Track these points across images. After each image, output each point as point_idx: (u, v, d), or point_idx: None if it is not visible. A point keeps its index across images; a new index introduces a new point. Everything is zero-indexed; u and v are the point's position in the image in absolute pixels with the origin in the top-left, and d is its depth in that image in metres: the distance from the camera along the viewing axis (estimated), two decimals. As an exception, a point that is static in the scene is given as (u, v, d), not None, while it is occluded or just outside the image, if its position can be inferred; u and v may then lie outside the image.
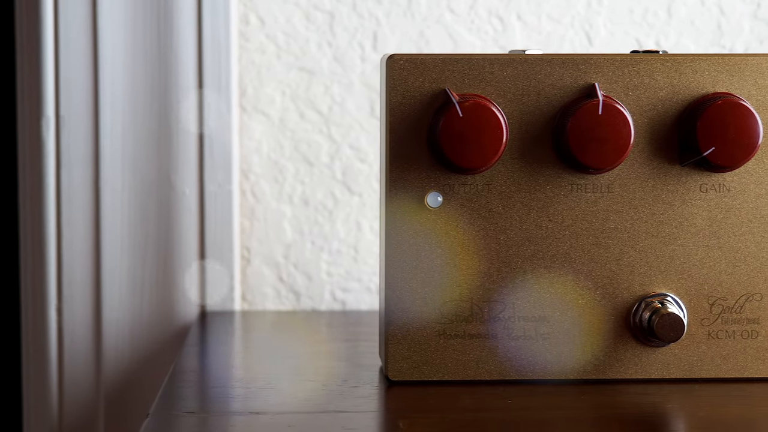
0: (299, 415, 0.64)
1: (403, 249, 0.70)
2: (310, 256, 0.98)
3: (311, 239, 0.98)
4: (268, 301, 0.98)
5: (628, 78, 0.70)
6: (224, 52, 0.94)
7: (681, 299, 0.71)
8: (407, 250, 0.70)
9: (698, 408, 0.67)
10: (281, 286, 0.98)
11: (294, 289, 0.98)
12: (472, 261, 0.71)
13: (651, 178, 0.71)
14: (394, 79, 0.70)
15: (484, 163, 0.69)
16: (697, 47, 0.97)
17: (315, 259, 0.98)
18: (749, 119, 0.69)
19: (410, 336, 0.71)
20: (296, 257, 0.98)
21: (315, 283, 0.98)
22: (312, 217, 0.98)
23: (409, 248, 0.70)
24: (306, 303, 0.98)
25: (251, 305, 0.98)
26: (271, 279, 0.98)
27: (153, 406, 0.66)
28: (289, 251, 0.98)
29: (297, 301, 0.98)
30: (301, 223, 0.98)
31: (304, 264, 0.98)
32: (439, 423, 0.64)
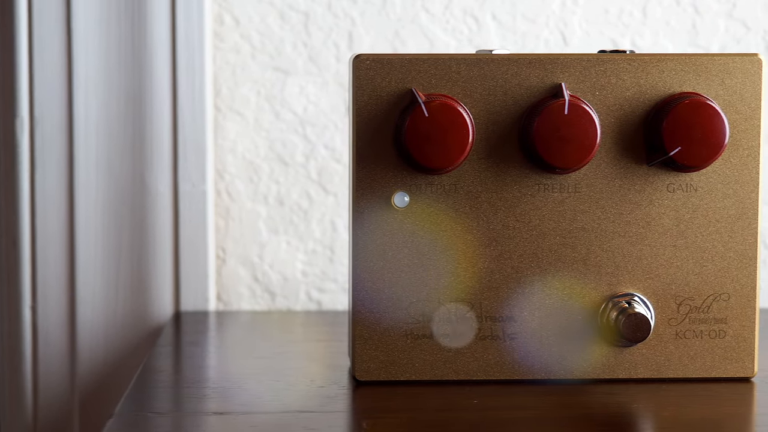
0: (263, 416, 0.64)
1: (370, 249, 0.70)
2: (285, 256, 0.98)
3: (286, 239, 0.98)
4: (243, 301, 0.98)
5: (594, 78, 0.70)
6: (198, 52, 0.94)
7: (648, 299, 0.71)
8: (374, 250, 0.70)
9: (663, 408, 0.67)
10: (256, 286, 0.98)
11: (269, 289, 0.98)
12: (439, 261, 0.71)
13: (618, 178, 0.71)
14: (361, 79, 0.70)
15: (450, 163, 0.69)
16: (672, 47, 0.97)
17: (290, 259, 0.98)
18: (715, 119, 0.69)
19: (378, 336, 0.71)
20: (271, 257, 0.98)
21: (290, 283, 0.98)
22: (287, 216, 0.98)
23: (376, 248, 0.70)
24: (281, 303, 0.98)
25: (226, 305, 0.98)
26: (247, 279, 0.98)
27: (118, 406, 0.66)
28: (264, 251, 0.98)
29: (272, 301, 0.98)
30: (277, 223, 0.98)
31: (280, 264, 0.98)
32: (404, 423, 0.63)
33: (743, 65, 0.70)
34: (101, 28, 0.93)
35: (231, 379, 0.73)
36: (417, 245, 0.70)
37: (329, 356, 0.78)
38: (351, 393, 0.69)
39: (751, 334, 0.72)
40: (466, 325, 0.71)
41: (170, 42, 0.94)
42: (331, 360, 0.77)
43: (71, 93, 0.93)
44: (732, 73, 0.71)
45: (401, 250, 0.70)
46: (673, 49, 0.97)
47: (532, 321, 0.71)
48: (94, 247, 0.94)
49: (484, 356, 0.71)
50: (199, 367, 0.78)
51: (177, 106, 0.94)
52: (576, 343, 0.71)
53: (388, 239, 0.70)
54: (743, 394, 0.69)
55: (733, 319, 0.72)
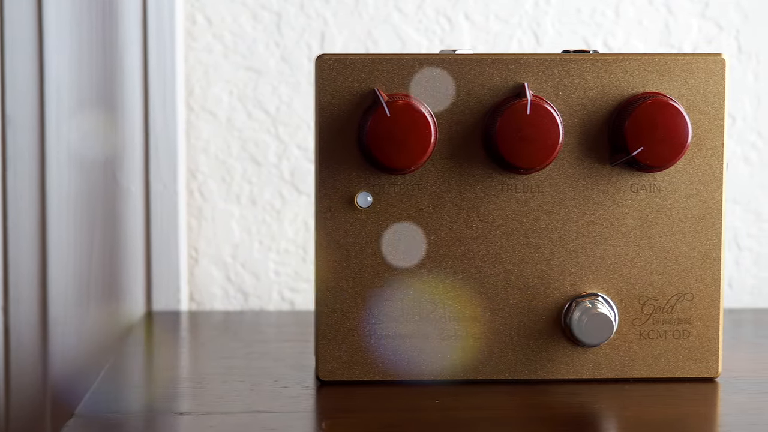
0: (223, 416, 0.64)
1: (334, 249, 0.70)
2: (258, 256, 0.98)
3: (259, 239, 0.98)
4: (216, 301, 0.98)
5: (558, 78, 0.70)
6: (169, 52, 0.94)
7: (612, 299, 0.71)
8: (338, 251, 0.70)
9: (625, 408, 0.67)
10: (229, 286, 0.98)
11: (242, 289, 0.98)
12: (402, 261, 0.70)
13: (581, 178, 0.71)
14: (324, 79, 0.70)
15: (412, 163, 0.69)
16: (645, 47, 0.97)
17: (263, 259, 0.98)
18: (678, 119, 0.69)
19: (341, 336, 0.71)
20: (244, 257, 0.98)
21: (263, 283, 0.98)
22: (260, 216, 0.98)
23: (339, 248, 0.70)
24: (254, 303, 0.98)
25: (199, 305, 0.98)
26: (219, 279, 0.98)
27: (80, 406, 0.66)
28: (237, 251, 0.98)
29: (245, 301, 0.98)
30: (249, 222, 0.98)
31: (252, 264, 0.98)
32: (362, 423, 0.63)
33: (707, 65, 0.70)
34: (72, 27, 0.93)
35: (195, 379, 0.73)
36: (380, 245, 0.70)
37: (296, 356, 0.78)
38: (314, 393, 0.69)
39: (715, 334, 0.72)
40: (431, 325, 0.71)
41: (141, 42, 0.94)
42: (297, 360, 0.77)
43: (43, 92, 0.93)
44: (695, 73, 0.70)
45: (364, 250, 0.70)
46: (645, 49, 0.97)
47: (495, 321, 0.71)
48: (66, 247, 0.94)
49: (448, 356, 0.71)
50: (164, 367, 0.77)
51: (148, 106, 0.94)
52: (540, 344, 0.71)
53: (351, 239, 0.70)
54: (707, 394, 0.69)
55: (697, 319, 0.72)
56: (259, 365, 0.76)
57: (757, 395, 0.69)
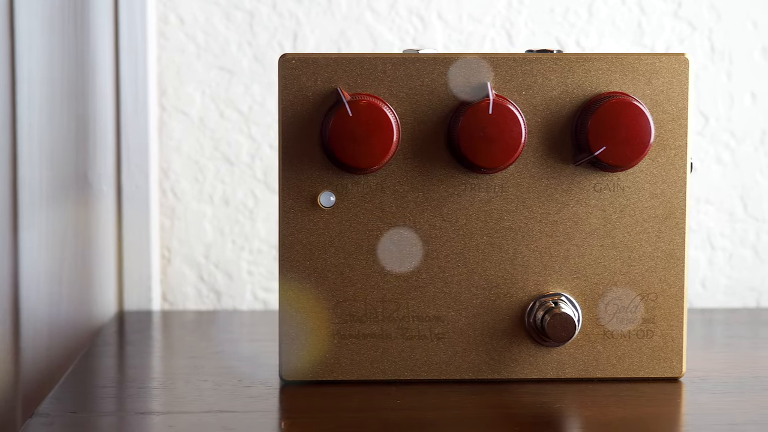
0: (183, 416, 0.64)
1: (297, 249, 0.70)
2: (231, 256, 0.98)
3: (232, 238, 0.98)
4: (189, 300, 0.98)
5: (521, 77, 0.70)
6: (141, 52, 0.94)
7: (576, 299, 0.71)
8: (301, 250, 0.70)
9: (585, 408, 0.67)
10: (202, 285, 0.98)
11: (215, 289, 0.98)
12: (365, 260, 0.70)
13: (545, 178, 0.71)
14: (286, 78, 0.70)
15: (375, 163, 0.69)
16: (618, 46, 0.97)
17: (236, 259, 0.98)
18: (640, 119, 0.69)
19: (304, 336, 0.71)
20: (217, 257, 0.98)
21: (236, 282, 0.98)
22: (233, 216, 0.98)
23: (302, 248, 0.70)
24: (227, 303, 0.98)
25: (172, 305, 0.98)
26: (192, 278, 0.98)
27: (41, 405, 0.66)
28: (210, 251, 0.98)
29: (218, 300, 0.98)
30: (222, 222, 0.98)
31: (225, 263, 0.98)
32: (321, 423, 0.63)
33: (670, 65, 0.70)
34: (44, 27, 0.93)
35: (159, 379, 0.73)
36: (343, 245, 0.70)
37: (264, 356, 0.78)
38: (276, 393, 0.69)
39: (679, 333, 0.72)
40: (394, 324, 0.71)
41: (113, 41, 0.93)
42: (264, 360, 0.77)
43: (14, 92, 0.93)
44: (659, 72, 0.70)
45: (328, 250, 0.70)
46: (618, 48, 0.97)
47: (459, 321, 0.71)
48: (38, 247, 0.94)
49: (411, 356, 0.71)
50: (129, 366, 0.77)
51: (120, 105, 0.94)
52: (503, 343, 0.71)
53: (314, 239, 0.70)
54: (670, 394, 0.69)
55: (660, 318, 0.72)
56: (225, 365, 0.76)
57: (720, 395, 0.69)
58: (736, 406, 0.67)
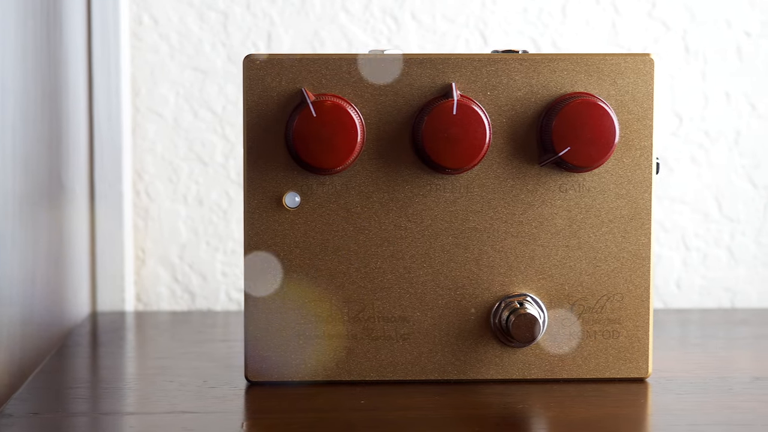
0: (145, 416, 0.64)
1: (262, 249, 0.70)
2: (205, 256, 0.98)
3: (206, 239, 0.98)
4: (163, 301, 0.98)
5: (486, 78, 0.70)
6: (113, 52, 0.94)
7: (541, 299, 0.71)
8: (266, 251, 0.70)
9: (549, 409, 0.67)
10: (176, 286, 0.98)
11: (189, 290, 0.98)
12: (331, 261, 0.70)
13: (510, 179, 0.71)
14: (251, 79, 0.70)
15: (339, 163, 0.69)
16: (592, 47, 0.97)
17: (210, 260, 0.98)
18: (604, 119, 0.69)
19: (269, 337, 0.71)
20: (191, 257, 0.98)
21: (210, 283, 0.98)
22: (207, 216, 0.98)
23: (268, 249, 0.70)
24: (201, 303, 0.98)
25: (146, 306, 0.98)
26: (166, 279, 0.98)
27: (4, 406, 0.66)
28: (184, 251, 0.98)
29: (192, 301, 0.98)
30: (196, 223, 0.98)
31: (199, 264, 0.98)
32: (282, 424, 0.63)
33: (635, 65, 0.70)
34: (18, 27, 0.93)
35: (125, 379, 0.73)
36: (309, 245, 0.70)
37: (233, 357, 0.78)
38: (241, 394, 0.69)
39: (645, 334, 0.72)
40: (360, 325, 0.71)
41: (86, 42, 0.93)
42: (232, 361, 0.77)
43: (-13, 93, 0.93)
44: (624, 73, 0.70)
45: (293, 251, 0.70)
46: (593, 48, 0.97)
47: (424, 321, 0.71)
48: (11, 248, 0.93)
49: (377, 356, 0.71)
50: (96, 367, 0.77)
51: (93, 106, 0.94)
52: (469, 344, 0.71)
53: (279, 239, 0.70)
54: (635, 394, 0.69)
55: (626, 319, 0.72)
56: (193, 365, 0.76)
57: (684, 395, 0.69)
58: (698, 406, 0.67)
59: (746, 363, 0.78)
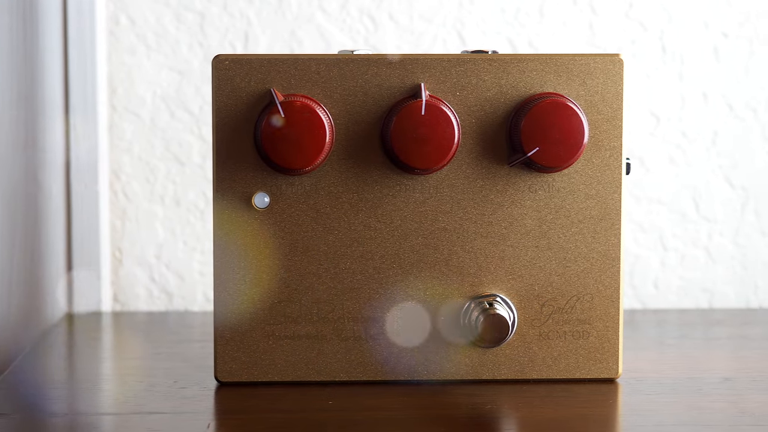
0: (111, 417, 0.64)
1: (232, 250, 0.70)
2: (182, 257, 0.98)
3: (183, 239, 0.98)
4: (140, 301, 0.98)
5: (455, 78, 0.70)
6: (90, 53, 0.93)
7: (511, 300, 0.71)
8: (235, 251, 0.70)
9: (517, 409, 0.67)
10: (153, 286, 0.98)
11: (166, 290, 0.98)
12: (300, 262, 0.70)
13: (480, 179, 0.71)
14: (220, 79, 0.70)
15: (307, 164, 0.69)
16: (569, 47, 0.97)
17: (187, 260, 0.98)
18: (573, 119, 0.69)
19: (239, 337, 0.70)
20: (168, 257, 0.98)
21: (187, 283, 0.98)
22: (184, 217, 0.97)
23: (237, 249, 0.70)
24: (179, 303, 0.98)
25: (123, 306, 0.98)
26: (143, 279, 0.98)
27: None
28: (161, 251, 0.98)
29: (170, 301, 0.98)
30: (173, 223, 0.97)
31: (177, 264, 0.98)
32: (249, 424, 0.63)
33: (605, 66, 0.70)
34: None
35: (94, 380, 0.73)
36: (278, 246, 0.70)
37: (206, 357, 0.78)
38: (210, 394, 0.69)
39: (615, 334, 0.72)
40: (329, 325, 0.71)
41: (62, 42, 0.93)
42: (205, 361, 0.76)
43: (-37, 93, 0.93)
44: (593, 73, 0.70)
45: (262, 251, 0.70)
46: (570, 49, 0.97)
47: (394, 322, 0.71)
48: (-13, 247, 0.94)
49: (347, 357, 0.71)
50: (67, 367, 0.77)
51: (69, 106, 0.94)
52: (439, 344, 0.71)
53: (249, 240, 0.70)
54: (604, 395, 0.69)
55: (596, 319, 0.72)
56: (164, 366, 0.76)
57: (653, 396, 0.69)
58: (666, 407, 0.67)
59: (717, 363, 0.78)
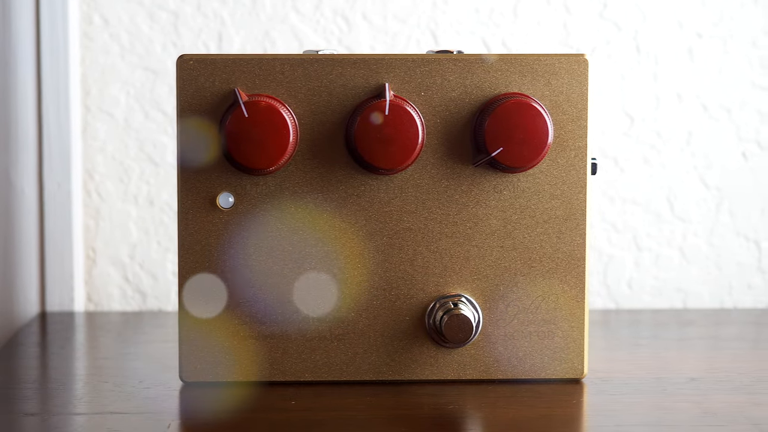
0: (73, 417, 0.64)
1: (196, 250, 0.70)
2: (156, 257, 0.98)
3: (157, 239, 0.98)
4: (114, 301, 0.98)
5: (420, 78, 0.70)
6: (63, 52, 0.93)
7: (476, 300, 0.71)
8: (200, 252, 0.70)
9: (479, 409, 0.67)
10: (127, 286, 0.98)
11: (140, 290, 0.98)
12: (265, 262, 0.70)
13: (445, 179, 0.71)
14: (184, 79, 0.70)
15: (271, 164, 0.69)
16: (543, 47, 0.97)
17: (161, 260, 0.98)
18: (537, 119, 0.69)
19: (204, 337, 0.70)
20: (142, 257, 0.98)
21: (161, 283, 0.98)
22: (157, 217, 0.97)
23: (202, 249, 0.70)
24: (152, 303, 0.98)
25: (97, 306, 0.98)
26: (117, 279, 0.98)
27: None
28: (135, 251, 0.98)
29: (143, 301, 0.98)
30: (147, 223, 0.97)
31: (150, 264, 0.98)
32: (209, 424, 0.63)
33: (569, 66, 0.70)
34: (-33, 27, 0.93)
35: (60, 380, 0.73)
36: (243, 246, 0.70)
37: (173, 357, 0.78)
38: (175, 394, 0.69)
39: (581, 335, 0.72)
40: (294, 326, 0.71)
41: (35, 42, 0.93)
42: (172, 361, 0.76)
43: (-64, 93, 0.93)
44: (558, 73, 0.70)
45: (227, 251, 0.70)
46: (544, 49, 0.97)
47: (359, 322, 0.71)
48: (-40, 247, 0.93)
49: (311, 357, 0.71)
50: (33, 367, 0.77)
51: (42, 105, 0.93)
52: (404, 344, 0.71)
53: (213, 240, 0.70)
54: (568, 395, 0.69)
55: (561, 320, 0.72)
56: (131, 365, 0.76)
57: (618, 396, 0.69)
58: (629, 407, 0.67)
59: (685, 364, 0.78)
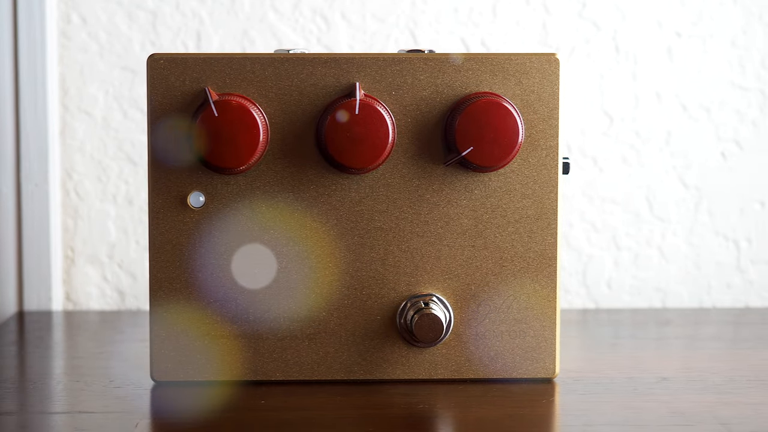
0: (40, 416, 0.64)
1: (167, 249, 0.70)
2: (134, 256, 0.98)
3: (135, 239, 0.98)
4: (92, 300, 0.98)
5: (391, 78, 0.70)
6: (40, 51, 0.93)
7: (447, 299, 0.71)
8: (171, 251, 0.70)
9: (449, 408, 0.67)
10: (106, 285, 0.98)
11: (119, 289, 0.98)
12: (236, 261, 0.70)
13: (416, 178, 0.71)
14: (155, 78, 0.69)
15: (241, 163, 0.69)
16: (522, 47, 0.97)
17: (140, 259, 0.98)
18: (508, 119, 0.69)
19: (175, 336, 0.70)
20: (121, 257, 0.98)
21: (140, 282, 0.98)
22: (136, 216, 0.97)
23: (172, 249, 0.70)
24: (131, 303, 0.98)
25: (76, 305, 0.98)
26: (96, 278, 0.98)
27: None
28: (114, 251, 0.98)
29: (122, 300, 0.98)
30: (126, 222, 0.97)
31: (129, 263, 0.98)
32: (177, 424, 0.63)
33: (540, 65, 0.70)
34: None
35: (32, 379, 0.73)
36: (214, 245, 0.70)
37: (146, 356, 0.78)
38: (145, 394, 0.69)
39: (552, 334, 0.72)
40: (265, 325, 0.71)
41: (12, 41, 0.93)
42: (144, 360, 0.76)
43: None
44: (529, 73, 0.70)
45: (198, 251, 0.70)
46: (524, 49, 0.97)
47: (330, 321, 0.71)
48: (-63, 246, 0.93)
49: (283, 356, 0.71)
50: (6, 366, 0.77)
51: (19, 105, 0.93)
52: (375, 344, 0.71)
53: (184, 239, 0.70)
54: (539, 395, 0.69)
55: (533, 319, 0.71)
56: (103, 365, 0.76)
57: (588, 396, 0.69)
58: (598, 407, 0.67)
59: (657, 363, 0.78)
